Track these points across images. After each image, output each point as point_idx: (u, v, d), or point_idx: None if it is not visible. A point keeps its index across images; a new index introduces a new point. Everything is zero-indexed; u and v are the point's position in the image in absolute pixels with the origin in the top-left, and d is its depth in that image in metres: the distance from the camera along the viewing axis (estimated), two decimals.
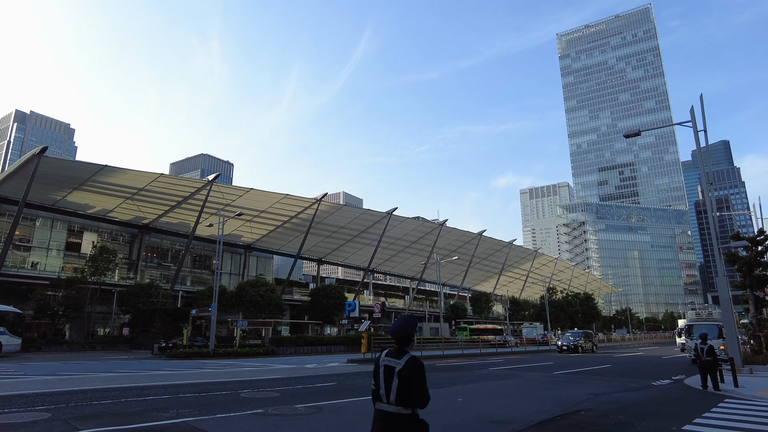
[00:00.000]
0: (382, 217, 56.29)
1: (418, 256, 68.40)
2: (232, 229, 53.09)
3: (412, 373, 3.56)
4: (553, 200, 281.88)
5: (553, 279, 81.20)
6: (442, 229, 63.18)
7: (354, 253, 66.59)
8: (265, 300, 42.09)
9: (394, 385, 3.62)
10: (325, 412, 9.58)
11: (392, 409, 3.65)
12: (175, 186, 44.81)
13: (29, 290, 38.92)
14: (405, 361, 3.61)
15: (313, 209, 50.79)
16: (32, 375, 16.79)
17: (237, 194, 46.81)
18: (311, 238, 56.02)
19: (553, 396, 12.50)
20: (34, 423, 8.06)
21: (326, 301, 48.81)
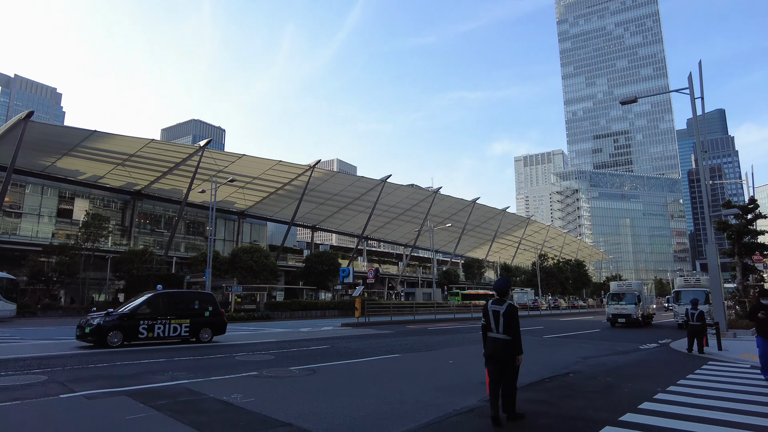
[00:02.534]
0: (376, 184, 56.10)
1: (411, 224, 68.61)
2: (225, 196, 52.79)
3: (512, 314, 6.10)
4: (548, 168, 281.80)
5: (545, 246, 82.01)
6: (436, 197, 63.20)
7: (348, 220, 66.65)
8: (260, 266, 42.27)
9: (501, 322, 6.09)
10: (319, 374, 9.75)
11: (500, 336, 6.09)
12: (167, 152, 44.22)
13: (22, 256, 38.79)
14: (506, 307, 6.14)
15: (306, 176, 50.48)
16: (28, 339, 16.91)
17: (229, 160, 46.33)
18: (305, 205, 55.90)
19: (543, 359, 12.78)
20: (31, 385, 8.15)
21: (320, 268, 49.14)
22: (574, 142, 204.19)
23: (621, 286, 28.69)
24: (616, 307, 26.71)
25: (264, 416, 6.23)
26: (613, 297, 27.45)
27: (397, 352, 13.84)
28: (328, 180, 54.26)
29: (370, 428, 5.75)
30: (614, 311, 26.69)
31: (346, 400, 7.34)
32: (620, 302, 26.73)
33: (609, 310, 27.16)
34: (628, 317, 25.98)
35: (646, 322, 27.73)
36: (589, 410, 6.77)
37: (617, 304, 26.74)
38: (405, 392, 8.00)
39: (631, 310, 26.03)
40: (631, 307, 26.10)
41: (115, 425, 5.72)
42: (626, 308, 26.20)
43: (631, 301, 26.44)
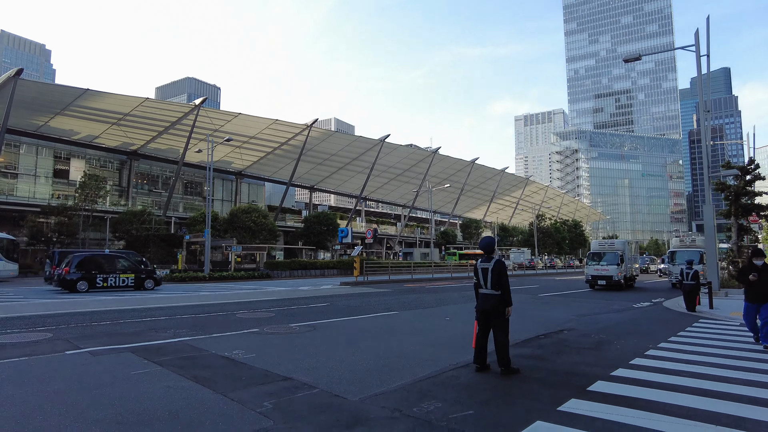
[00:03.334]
0: (375, 144, 55.60)
1: (410, 184, 68.45)
2: (222, 156, 52.37)
3: (499, 270, 6.43)
4: (548, 127, 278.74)
5: (542, 206, 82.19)
6: (435, 157, 62.80)
7: (346, 180, 66.42)
8: (259, 226, 42.41)
9: (489, 278, 6.44)
10: (319, 330, 9.96)
11: (489, 292, 6.45)
12: (162, 111, 43.54)
13: (20, 217, 38.83)
14: (494, 263, 6.46)
15: (303, 135, 49.94)
16: (31, 299, 17.15)
17: (225, 119, 45.70)
18: (303, 165, 55.56)
19: (538, 316, 13.04)
20: (37, 342, 8.32)
21: (319, 228, 49.34)
22: (575, 101, 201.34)
23: (602, 244, 26.44)
24: (596, 267, 24.39)
25: (265, 371, 6.40)
26: (593, 256, 25.16)
27: (395, 310, 14.09)
28: (326, 139, 53.71)
29: (370, 381, 5.92)
30: (594, 272, 24.39)
31: (345, 355, 7.53)
32: (601, 262, 24.45)
33: (588, 271, 24.86)
34: (609, 279, 23.72)
35: (628, 284, 25.37)
36: (582, 365, 6.96)
37: (597, 265, 24.45)
38: (403, 348, 8.19)
39: (613, 272, 23.73)
40: (613, 268, 23.80)
41: (120, 380, 5.88)
42: (607, 269, 23.92)
43: (612, 262, 24.12)
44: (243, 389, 5.51)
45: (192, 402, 5.01)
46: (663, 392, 5.53)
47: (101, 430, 4.20)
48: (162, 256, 40.41)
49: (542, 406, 5.03)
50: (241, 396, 5.23)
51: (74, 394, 5.27)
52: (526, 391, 5.60)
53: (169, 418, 4.50)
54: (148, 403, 4.95)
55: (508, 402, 5.20)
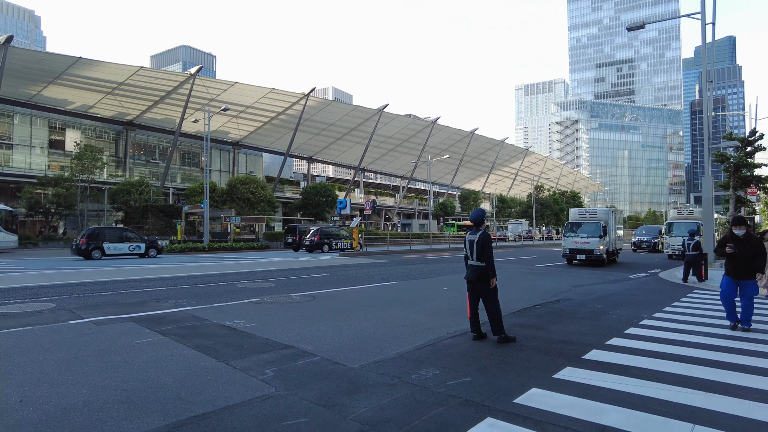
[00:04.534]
0: (373, 114, 55.03)
1: (409, 155, 68.09)
2: (219, 126, 51.86)
3: (484, 242, 6.57)
4: (548, 97, 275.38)
5: (541, 177, 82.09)
6: (434, 127, 62.28)
7: (344, 151, 66.00)
8: (257, 197, 42.41)
9: (475, 250, 6.63)
10: (319, 300, 10.09)
11: (475, 263, 6.67)
12: (157, 80, 42.86)
13: (17, 189, 38.70)
14: (479, 236, 6.62)
15: (301, 105, 49.37)
16: (32, 269, 17.26)
17: (221, 88, 45.07)
18: (300, 135, 55.08)
19: (534, 286, 13.20)
20: (41, 312, 8.42)
21: (317, 199, 49.36)
22: (576, 70, 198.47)
23: (582, 213, 23.02)
24: (574, 240, 21.14)
25: (266, 339, 6.51)
26: (572, 227, 21.77)
27: (394, 280, 14.24)
28: (324, 109, 53.12)
29: (369, 349, 6.04)
30: (572, 245, 21.18)
31: (345, 324, 7.65)
32: (580, 234, 21.19)
33: (565, 244, 21.63)
34: (590, 253, 20.51)
35: (610, 259, 22.14)
36: (577, 335, 7.09)
37: (576, 236, 21.18)
38: (401, 317, 8.32)
39: (594, 245, 20.44)
40: (594, 240, 20.48)
41: (124, 349, 5.98)
42: (588, 242, 20.64)
43: (594, 233, 20.70)
44: (245, 357, 5.62)
45: (195, 370, 5.12)
46: (656, 360, 5.65)
47: (107, 395, 4.31)
48: (161, 227, 40.49)
49: (538, 373, 5.16)
50: (243, 364, 5.34)
51: (79, 362, 5.37)
52: (522, 359, 5.72)
53: (174, 385, 4.60)
54: (152, 371, 5.05)
55: (504, 369, 5.32)
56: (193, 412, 3.96)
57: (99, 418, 3.83)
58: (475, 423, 3.83)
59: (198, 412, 3.95)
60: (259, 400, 4.25)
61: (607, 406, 4.19)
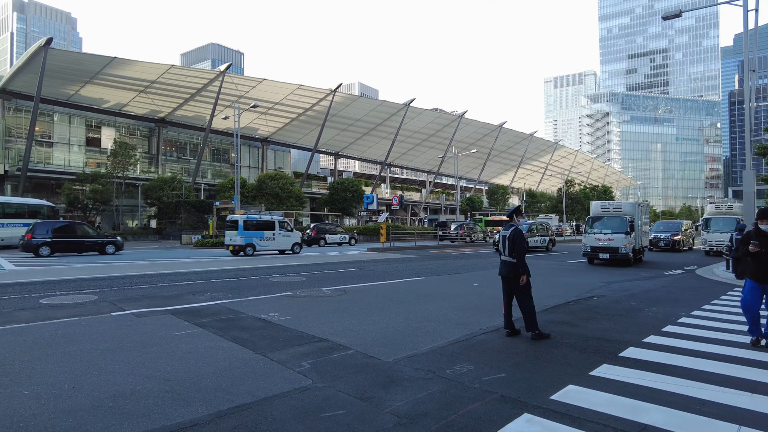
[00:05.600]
0: (399, 108, 54.93)
1: (435, 150, 67.74)
2: (248, 122, 52.64)
3: (515, 238, 6.59)
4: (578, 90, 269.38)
5: (571, 171, 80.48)
6: (461, 121, 61.76)
7: (371, 147, 66.13)
8: (285, 192, 42.95)
9: (506, 245, 6.67)
10: (350, 294, 10.19)
11: (507, 259, 6.68)
12: (188, 77, 43.76)
13: (57, 185, 40.19)
14: (510, 232, 6.67)
15: (328, 101, 49.66)
16: (74, 262, 17.93)
17: (250, 85, 45.71)
18: (327, 131, 55.44)
19: (566, 282, 13.01)
20: (84, 304, 8.76)
21: (344, 194, 49.64)
22: (607, 62, 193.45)
23: (605, 207, 20.73)
24: (597, 237, 19.16)
25: (301, 332, 6.63)
26: (594, 222, 19.81)
27: (423, 275, 14.25)
28: (350, 105, 53.31)
29: (402, 344, 6.09)
30: (594, 243, 19.19)
31: (377, 318, 7.71)
32: (603, 230, 19.28)
33: (586, 241, 19.65)
34: (614, 252, 18.58)
35: (636, 258, 20.05)
36: (612, 332, 6.97)
37: (599, 233, 19.23)
38: (432, 312, 8.33)
39: (619, 242, 18.53)
40: (620, 237, 18.57)
41: (165, 340, 6.18)
42: (612, 239, 18.69)
43: (619, 229, 18.79)
44: (281, 350, 5.74)
45: (234, 362, 5.26)
46: (697, 359, 5.52)
47: (152, 385, 4.47)
48: (193, 222, 41.46)
49: (573, 370, 5.10)
50: (280, 356, 5.46)
51: (124, 352, 5.58)
52: (556, 356, 5.67)
53: (214, 376, 4.74)
54: (192, 362, 5.21)
55: (539, 366, 5.28)
56: (233, 402, 4.07)
57: (146, 405, 3.98)
58: (512, 419, 3.83)
59: (238, 403, 4.06)
60: (297, 392, 4.35)
61: (646, 405, 4.13)
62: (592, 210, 20.85)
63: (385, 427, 3.63)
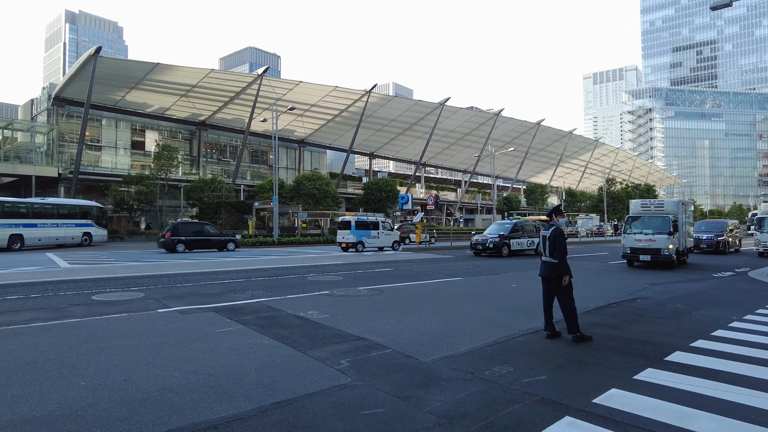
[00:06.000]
0: (435, 107, 54.71)
1: (471, 149, 67.10)
2: (286, 124, 53.58)
3: (556, 238, 6.51)
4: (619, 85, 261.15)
5: (612, 170, 78.17)
6: (498, 119, 60.96)
7: (405, 146, 66.13)
8: (322, 193, 43.51)
9: (547, 246, 6.61)
10: (386, 294, 10.24)
11: (548, 259, 6.61)
12: (227, 81, 44.94)
13: (105, 187, 42.01)
14: (551, 232, 6.61)
15: (363, 101, 49.97)
16: (122, 261, 18.71)
17: (287, 88, 46.50)
18: (362, 131, 55.80)
19: (608, 284, 12.66)
20: (132, 301, 9.15)
21: (379, 194, 49.83)
22: (650, 56, 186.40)
23: (646, 205, 19.42)
24: (637, 237, 17.83)
25: (339, 331, 6.72)
26: (634, 222, 18.53)
27: (460, 276, 14.15)
28: (385, 105, 53.47)
29: (440, 344, 6.08)
30: (634, 243, 17.87)
31: (413, 318, 7.72)
32: (644, 231, 17.93)
33: (626, 242, 18.33)
34: (656, 253, 17.16)
35: (680, 260, 18.69)
36: (657, 335, 6.75)
37: (639, 234, 17.90)
38: (470, 313, 8.28)
39: (662, 243, 17.09)
40: (662, 238, 17.13)
41: (208, 336, 6.39)
42: (654, 239, 17.33)
43: (661, 229, 17.39)
44: (320, 348, 5.83)
45: (275, 358, 5.38)
46: (749, 366, 5.28)
47: (197, 379, 4.63)
48: (233, 222, 42.52)
49: (617, 373, 4.98)
50: (319, 354, 5.55)
51: (170, 347, 5.80)
52: (599, 359, 5.54)
53: (256, 372, 4.87)
54: (235, 358, 5.37)
55: (580, 368, 5.18)
56: (275, 398, 4.18)
57: (192, 399, 4.13)
58: (553, 421, 3.77)
59: (280, 399, 4.16)
60: (337, 389, 4.41)
61: (695, 411, 3.99)
62: (632, 209, 19.67)
63: (425, 427, 3.64)
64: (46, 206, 28.21)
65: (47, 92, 44.18)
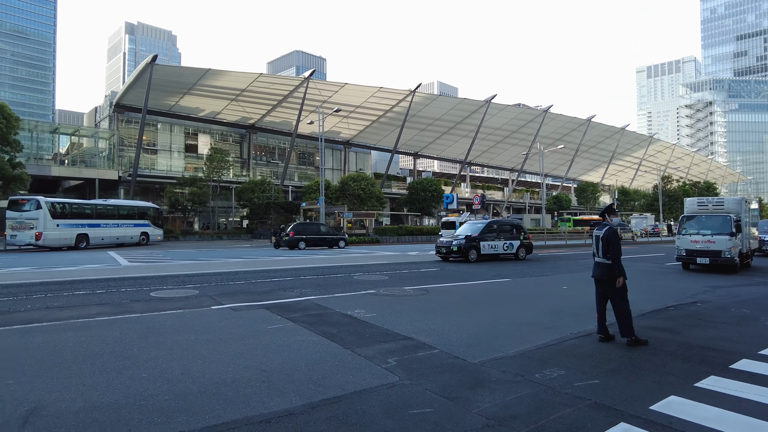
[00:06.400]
0: (480, 105, 53.99)
1: (518, 147, 65.80)
2: (331, 126, 54.37)
3: (609, 239, 6.29)
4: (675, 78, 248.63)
5: (668, 167, 74.59)
6: (546, 116, 59.47)
7: (450, 145, 65.62)
8: (367, 193, 43.88)
9: (600, 246, 6.38)
10: (432, 294, 10.20)
11: (601, 260, 6.39)
12: (274, 84, 46.08)
13: (161, 188, 44.03)
14: (604, 232, 6.39)
15: (407, 101, 49.97)
16: (177, 260, 19.55)
17: (332, 90, 47.16)
18: (407, 131, 55.81)
19: (665, 286, 12.09)
20: (188, 298, 9.55)
21: (424, 194, 49.70)
22: (710, 45, 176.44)
23: (704, 204, 17.71)
24: (693, 239, 16.32)
25: (386, 330, 6.75)
26: (690, 222, 17.00)
27: (508, 277, 13.91)
28: (429, 104, 53.27)
29: (488, 346, 6.00)
30: (690, 245, 16.34)
31: (460, 319, 7.65)
32: (701, 231, 16.38)
33: (681, 244, 16.68)
34: (716, 256, 15.62)
35: (744, 263, 17.04)
36: (721, 341, 6.39)
37: (695, 234, 16.36)
38: (518, 314, 8.12)
39: (722, 245, 15.51)
40: (723, 239, 15.54)
41: (260, 333, 6.58)
42: (713, 241, 15.74)
43: (721, 230, 15.81)
44: (367, 346, 5.89)
45: (324, 355, 5.48)
46: None
47: (250, 374, 4.77)
48: (281, 222, 43.55)
49: (676, 380, 4.75)
50: (367, 352, 5.60)
51: (223, 343, 6.01)
52: (656, 364, 5.30)
53: (306, 369, 4.97)
54: (285, 355, 5.50)
55: (636, 374, 4.98)
56: (325, 395, 4.25)
57: (245, 393, 4.27)
58: (608, 427, 3.65)
59: (330, 395, 4.23)
60: (385, 387, 4.44)
61: (766, 424, 3.75)
62: (687, 208, 18.09)
63: (474, 428, 3.61)
64: (108, 207, 29.87)
65: (109, 100, 46.85)
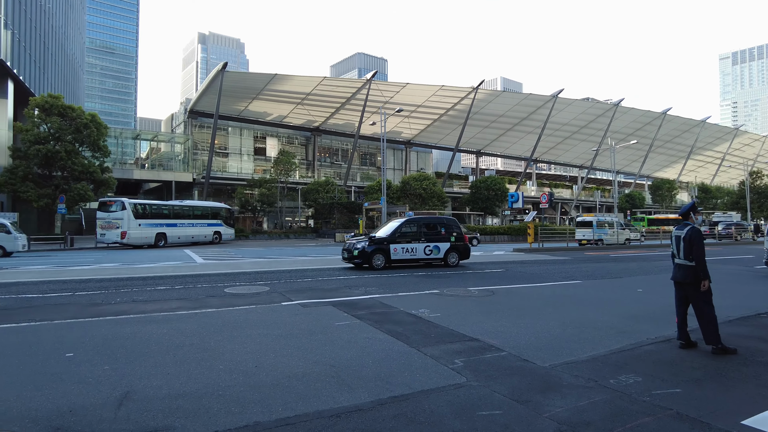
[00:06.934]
0: (546, 100, 52.27)
1: (587, 142, 63.08)
2: (393, 126, 54.70)
3: (692, 239, 5.81)
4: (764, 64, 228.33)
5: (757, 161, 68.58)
6: (617, 110, 56.58)
7: (514, 143, 64.02)
8: (428, 192, 43.76)
9: (681, 247, 5.95)
10: (498, 296, 10.01)
11: (682, 262, 5.95)
12: (337, 87, 47.01)
13: (232, 190, 46.21)
14: (686, 231, 5.92)
15: (469, 99, 49.31)
16: (248, 258, 20.45)
17: (394, 90, 47.43)
18: (469, 129, 55.07)
19: (755, 290, 11.15)
20: (259, 294, 9.98)
21: (487, 193, 48.81)
22: None
23: None
24: None
25: (451, 330, 6.72)
26: None
27: (577, 279, 13.38)
28: (492, 101, 52.24)
29: (558, 349, 5.81)
30: None
31: (528, 321, 7.46)
32: None
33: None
34: None
35: None
36: None
37: None
38: (590, 318, 7.80)
39: None
40: None
41: (328, 329, 6.76)
42: None
43: None
44: (433, 346, 5.89)
45: (390, 353, 5.54)
46: None
47: (320, 369, 4.92)
48: (345, 222, 44.43)
49: None
50: (433, 352, 5.60)
51: (293, 338, 6.23)
52: (746, 375, 4.91)
53: (373, 366, 5.05)
54: (353, 351, 5.61)
55: (723, 384, 4.63)
56: (392, 392, 4.30)
57: (316, 388, 4.40)
58: None
59: (397, 393, 4.27)
60: (452, 388, 4.42)
61: None
62: None
63: None
64: (183, 208, 31.75)
65: (183, 107, 49.87)
